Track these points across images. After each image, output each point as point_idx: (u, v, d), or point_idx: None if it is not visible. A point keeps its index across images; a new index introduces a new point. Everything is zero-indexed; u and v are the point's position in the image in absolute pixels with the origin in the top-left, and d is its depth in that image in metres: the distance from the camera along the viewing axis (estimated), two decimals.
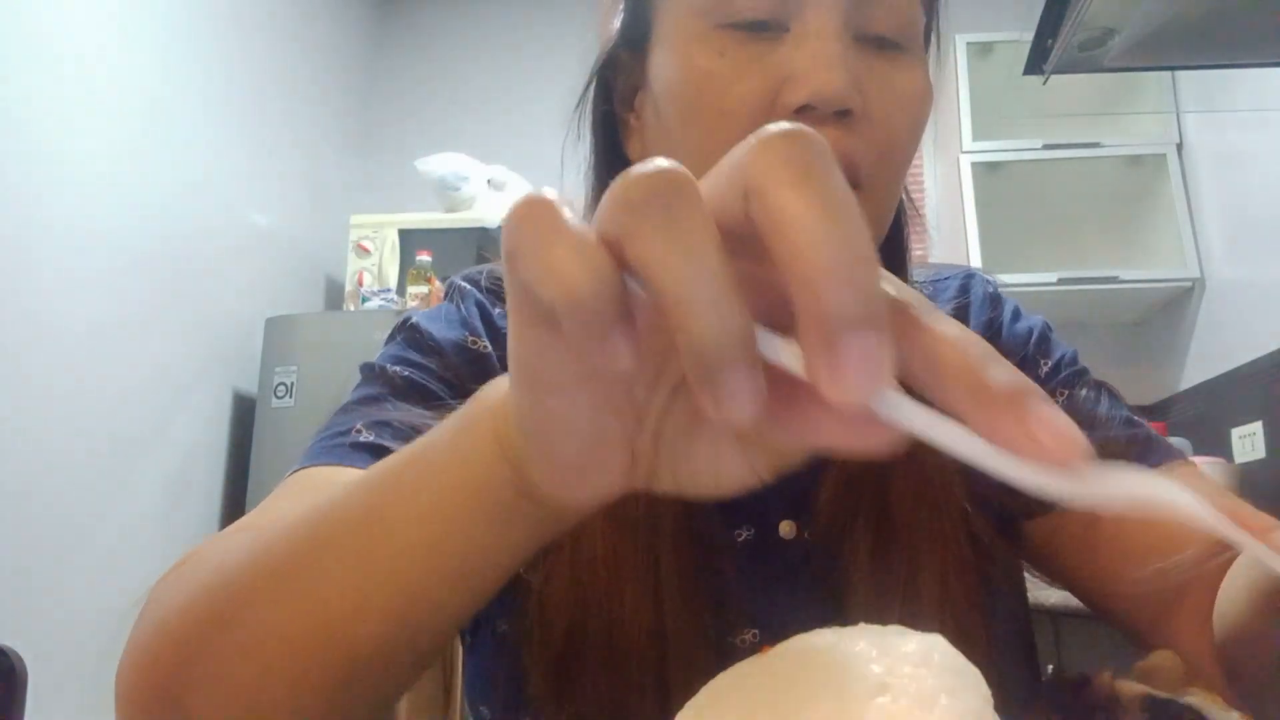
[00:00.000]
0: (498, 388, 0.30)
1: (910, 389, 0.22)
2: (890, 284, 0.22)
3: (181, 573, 0.38)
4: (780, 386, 0.22)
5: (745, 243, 0.21)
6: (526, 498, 0.29)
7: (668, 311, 0.20)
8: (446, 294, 0.60)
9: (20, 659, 0.87)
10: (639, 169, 0.21)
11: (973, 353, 0.21)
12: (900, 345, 0.21)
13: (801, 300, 0.20)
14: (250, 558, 0.34)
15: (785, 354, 0.22)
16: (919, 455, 0.51)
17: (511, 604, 0.50)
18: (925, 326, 0.22)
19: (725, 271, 0.20)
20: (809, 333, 0.20)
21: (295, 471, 0.48)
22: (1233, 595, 0.46)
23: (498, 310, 0.58)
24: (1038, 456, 0.20)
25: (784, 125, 0.21)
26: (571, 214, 0.22)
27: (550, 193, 0.22)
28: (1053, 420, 0.20)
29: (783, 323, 0.22)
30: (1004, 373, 0.21)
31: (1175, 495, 0.21)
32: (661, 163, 0.21)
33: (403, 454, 0.33)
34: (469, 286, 0.59)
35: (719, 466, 0.28)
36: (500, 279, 0.59)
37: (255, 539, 0.35)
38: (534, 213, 0.22)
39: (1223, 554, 0.47)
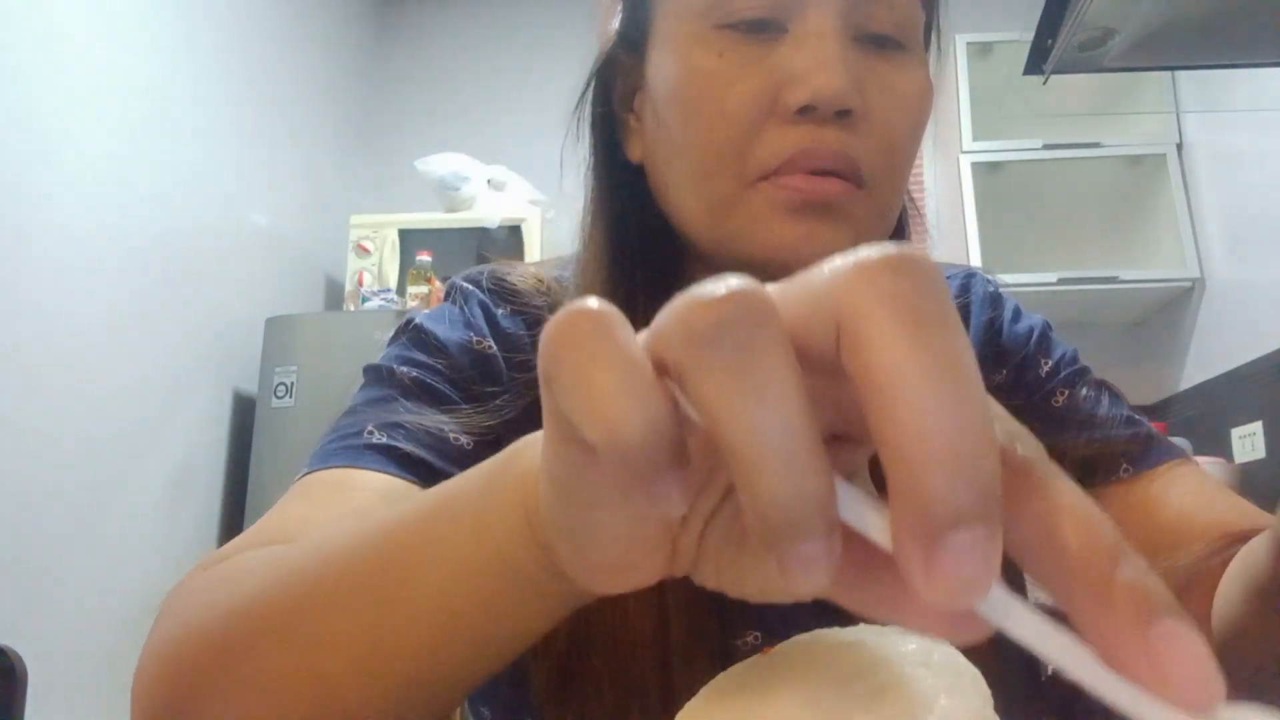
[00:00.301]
0: (527, 457, 0.27)
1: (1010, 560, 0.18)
2: (1004, 431, 0.18)
3: (200, 585, 0.37)
4: (858, 549, 0.19)
5: (823, 360, 0.18)
6: (556, 578, 0.27)
7: (733, 465, 0.17)
8: (447, 295, 0.60)
9: (20, 659, 0.87)
10: (709, 288, 0.18)
11: (1101, 539, 0.17)
12: (1012, 511, 0.18)
13: (901, 482, 0.16)
14: (265, 590, 0.33)
15: (873, 525, 0.18)
16: None
17: None
18: (1046, 495, 0.18)
19: (808, 428, 0.17)
20: (905, 520, 0.16)
21: (307, 474, 0.48)
22: (1230, 596, 0.46)
23: (500, 311, 0.57)
24: (1162, 690, 0.17)
25: (887, 250, 0.17)
26: (623, 332, 0.19)
27: (598, 305, 0.19)
28: (1188, 646, 0.17)
29: (855, 434, 0.20)
30: (1135, 572, 0.17)
31: None
32: (735, 283, 0.18)
33: (424, 511, 0.31)
34: (471, 287, 0.59)
35: (766, 580, 0.25)
36: (502, 280, 0.58)
37: (274, 567, 0.34)
38: (577, 330, 0.18)
39: (1220, 554, 0.47)
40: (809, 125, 0.46)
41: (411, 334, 0.56)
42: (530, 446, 0.28)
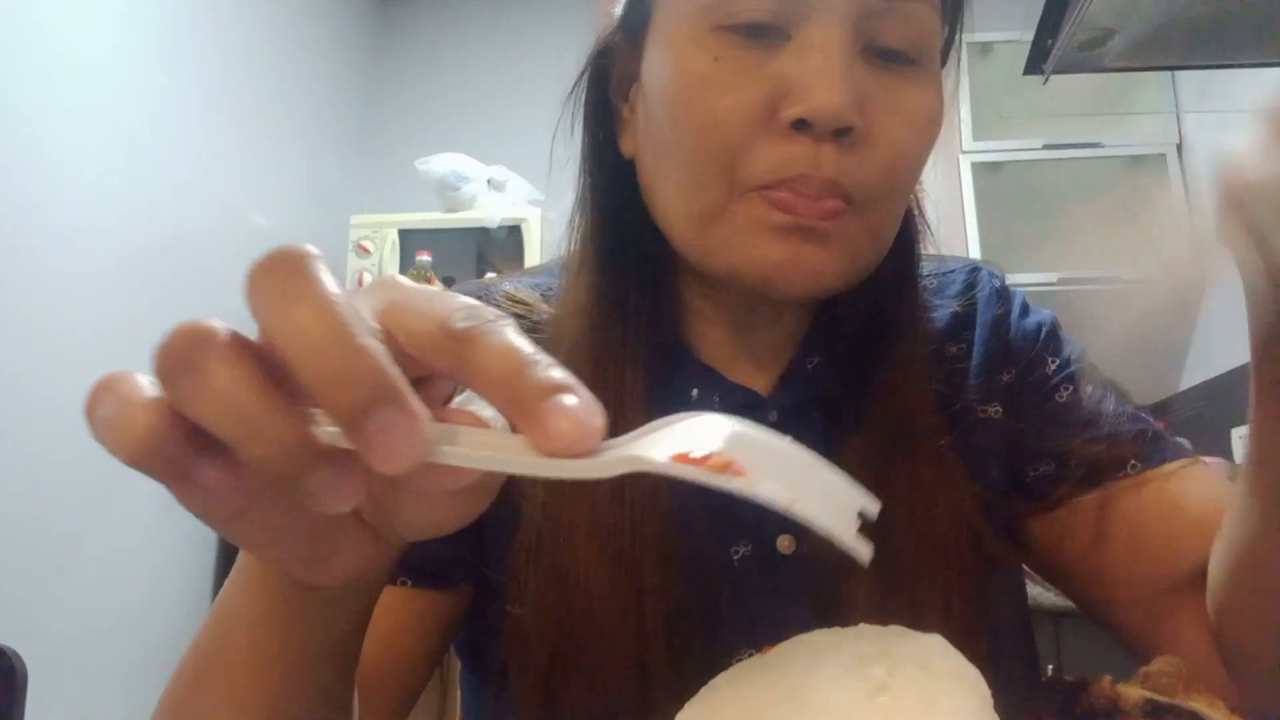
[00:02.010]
0: None
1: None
2: (460, 311, 0.24)
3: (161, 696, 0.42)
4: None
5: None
6: (299, 585, 0.30)
7: (293, 365, 0.22)
8: None
9: (20, 659, 0.87)
10: (172, 331, 0.22)
11: (512, 363, 0.23)
12: (463, 372, 0.24)
13: (321, 405, 0.21)
14: (169, 690, 0.39)
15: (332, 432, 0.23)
16: (920, 464, 0.50)
17: (502, 633, 0.49)
18: (479, 345, 0.23)
19: (262, 398, 0.21)
20: (344, 433, 0.22)
21: None
22: (1217, 576, 0.46)
23: None
24: (552, 450, 0.22)
25: (267, 251, 0.23)
26: (134, 379, 0.23)
27: (126, 373, 0.23)
28: (566, 408, 0.22)
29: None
30: (538, 375, 0.23)
31: (636, 452, 0.23)
32: (184, 326, 0.22)
33: (233, 569, 0.35)
34: None
35: (429, 511, 0.28)
36: (482, 296, 0.57)
37: (176, 670, 0.39)
38: (98, 386, 0.23)
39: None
40: (805, 142, 0.44)
41: None
42: None
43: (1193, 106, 2.29)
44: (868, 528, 0.24)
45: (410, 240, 2.43)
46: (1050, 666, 1.46)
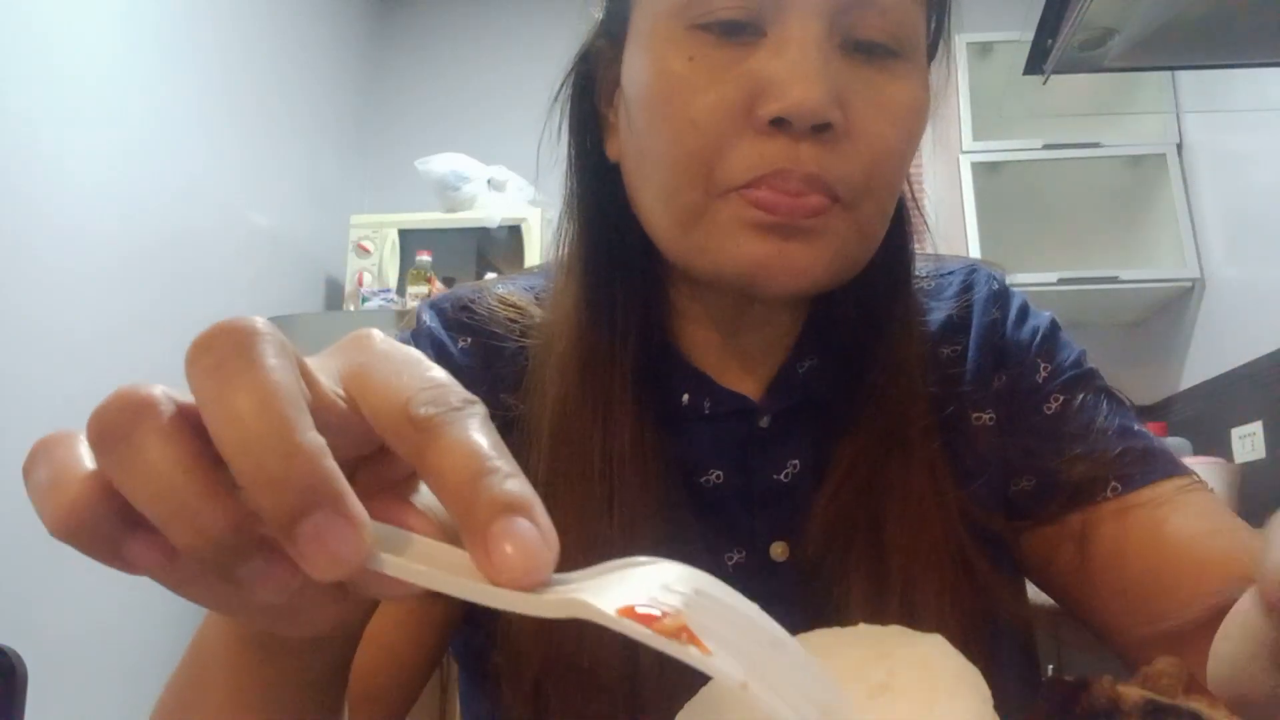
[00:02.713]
0: None
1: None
2: (426, 392, 0.22)
3: None
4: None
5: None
6: (272, 635, 0.30)
7: (230, 459, 0.20)
8: (416, 323, 0.58)
9: (20, 659, 0.87)
10: (108, 400, 0.21)
11: (470, 468, 0.21)
12: (420, 466, 0.22)
13: (253, 500, 0.20)
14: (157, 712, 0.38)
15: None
16: (912, 466, 0.49)
17: (497, 638, 0.49)
18: (437, 440, 0.22)
19: (198, 483, 0.20)
20: (277, 535, 0.20)
21: None
22: (1225, 657, 0.41)
23: (460, 344, 0.56)
24: (495, 579, 0.21)
25: (210, 327, 0.21)
26: (64, 445, 0.22)
27: (63, 436, 0.22)
28: (515, 535, 0.20)
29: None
30: (493, 487, 0.21)
31: (605, 608, 0.20)
32: (130, 387, 0.21)
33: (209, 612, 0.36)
34: (430, 323, 0.57)
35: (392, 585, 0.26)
36: (468, 308, 0.57)
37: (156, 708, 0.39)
38: (43, 445, 0.22)
39: (1218, 601, 0.43)
40: (783, 140, 0.43)
41: None
42: None
43: (1193, 106, 2.29)
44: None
45: (410, 240, 2.43)
46: (1050, 666, 1.46)
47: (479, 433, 0.22)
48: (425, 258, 2.37)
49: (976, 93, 2.39)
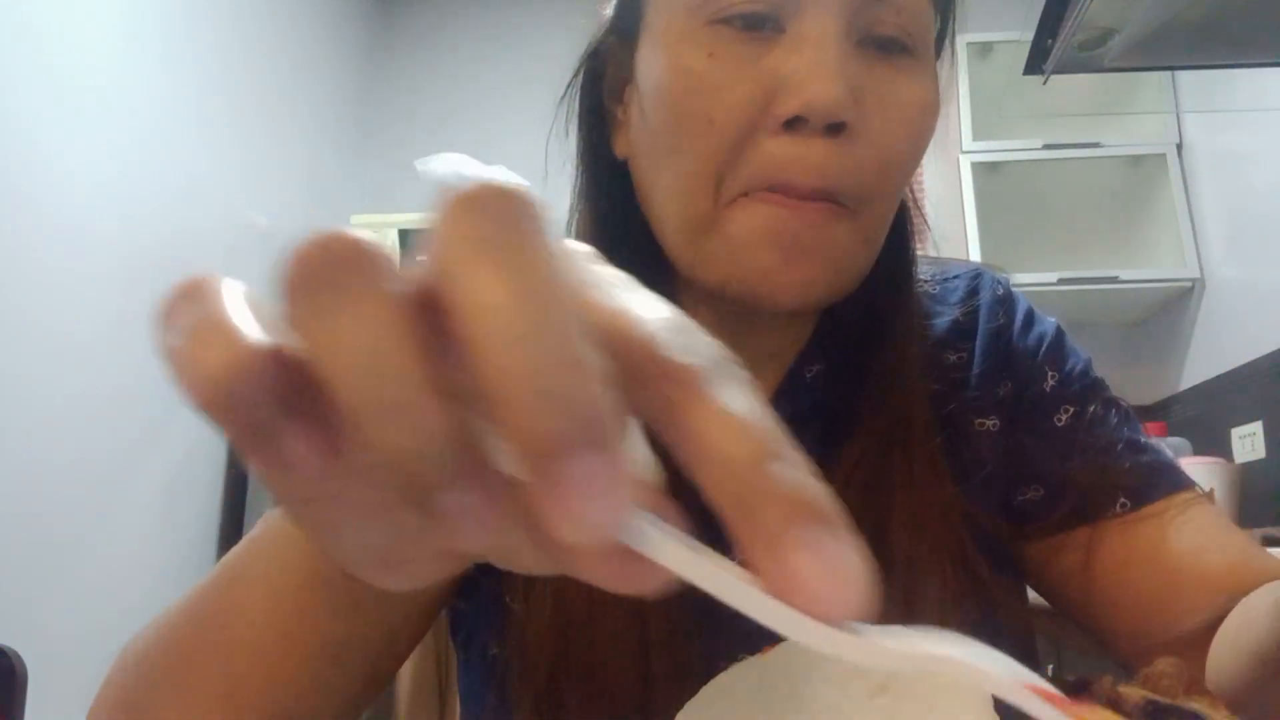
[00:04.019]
0: None
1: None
2: (675, 339, 0.17)
3: (132, 643, 0.39)
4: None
5: None
6: (359, 582, 0.24)
7: (351, 415, 0.16)
8: None
9: (20, 659, 0.87)
10: (310, 238, 0.16)
11: (750, 447, 0.16)
12: (670, 425, 0.17)
13: (501, 423, 0.15)
14: (153, 645, 0.35)
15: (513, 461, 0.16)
16: (916, 465, 0.49)
17: (499, 628, 0.49)
18: (702, 401, 0.17)
19: (418, 370, 0.16)
20: (523, 463, 0.15)
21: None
22: (1226, 661, 0.42)
23: None
24: (798, 604, 0.16)
25: (474, 183, 0.16)
26: (227, 291, 0.17)
27: (216, 281, 0.17)
28: (825, 553, 0.16)
29: None
30: (785, 479, 0.16)
31: (967, 660, 0.16)
32: (336, 233, 0.16)
33: (253, 535, 0.32)
34: None
35: (515, 552, 0.21)
36: None
37: (164, 618, 0.36)
38: (178, 296, 0.17)
39: (1219, 613, 0.44)
40: (797, 140, 0.43)
41: None
42: None
43: (1193, 106, 2.29)
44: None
45: (410, 240, 2.44)
46: (1050, 666, 1.46)
47: (754, 399, 0.17)
48: (425, 258, 2.37)
49: (976, 93, 2.39)
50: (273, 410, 0.16)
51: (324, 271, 0.16)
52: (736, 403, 0.17)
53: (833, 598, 0.16)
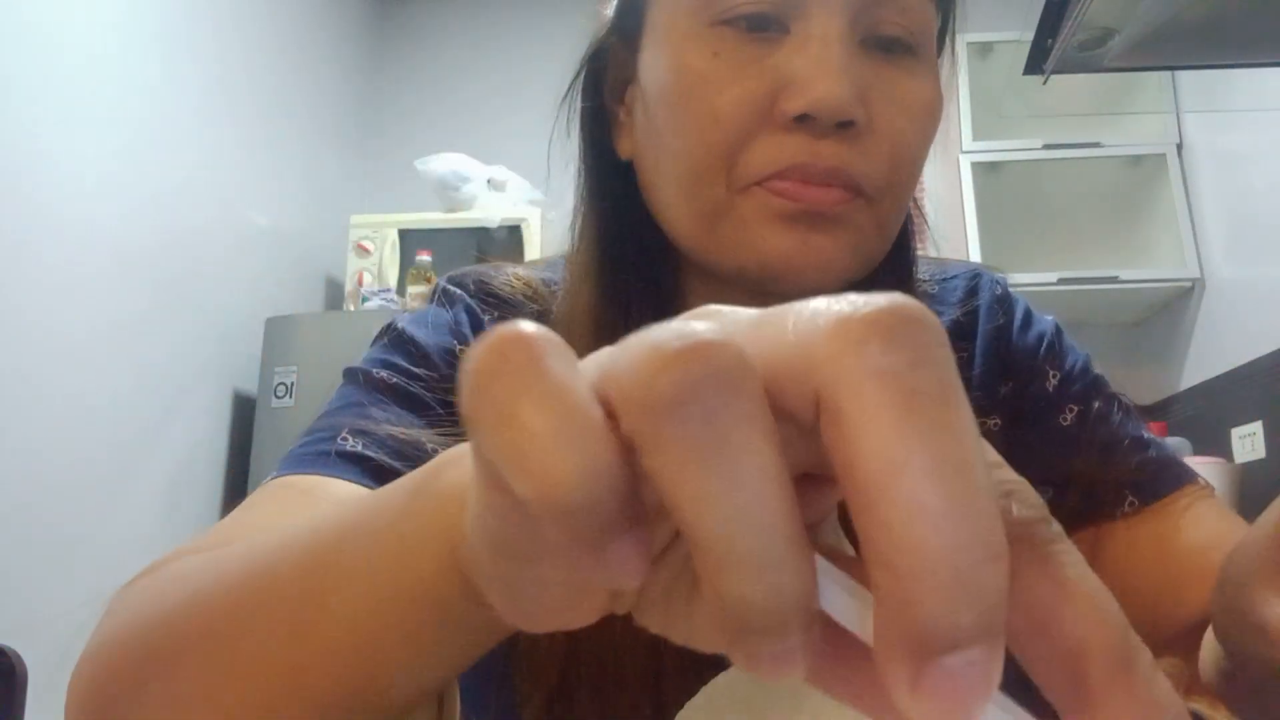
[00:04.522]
0: (455, 472, 0.24)
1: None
2: (1000, 487, 0.15)
3: (140, 589, 0.36)
4: (835, 634, 0.16)
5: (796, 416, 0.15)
6: (482, 609, 0.23)
7: (698, 557, 0.15)
8: (433, 297, 0.57)
9: (20, 659, 0.87)
10: (673, 336, 0.14)
11: (1109, 632, 0.15)
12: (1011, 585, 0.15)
13: (889, 594, 0.14)
14: (190, 603, 0.32)
15: (855, 619, 0.15)
16: None
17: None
18: (1047, 570, 0.15)
19: (787, 518, 0.14)
20: (891, 635, 0.14)
21: (274, 478, 0.46)
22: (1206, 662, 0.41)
23: (488, 317, 0.55)
24: None
25: (878, 307, 0.14)
26: (562, 364, 0.15)
27: (532, 329, 0.15)
28: None
29: (828, 473, 0.16)
30: (1140, 676, 0.15)
31: None
32: (704, 332, 0.14)
33: (346, 525, 0.29)
34: (458, 290, 0.56)
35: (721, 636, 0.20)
36: (487, 284, 0.56)
37: (202, 577, 0.33)
38: (506, 360, 0.15)
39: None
40: (806, 135, 0.43)
41: (393, 337, 0.54)
42: (459, 461, 0.24)
43: (1193, 106, 2.29)
44: None
45: (410, 240, 2.43)
46: None
47: (1091, 572, 0.16)
48: (425, 258, 2.37)
49: (976, 93, 2.39)
50: (614, 518, 0.15)
51: (701, 395, 0.14)
52: (1084, 575, 0.16)
53: None
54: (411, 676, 0.29)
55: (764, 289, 0.47)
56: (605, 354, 0.16)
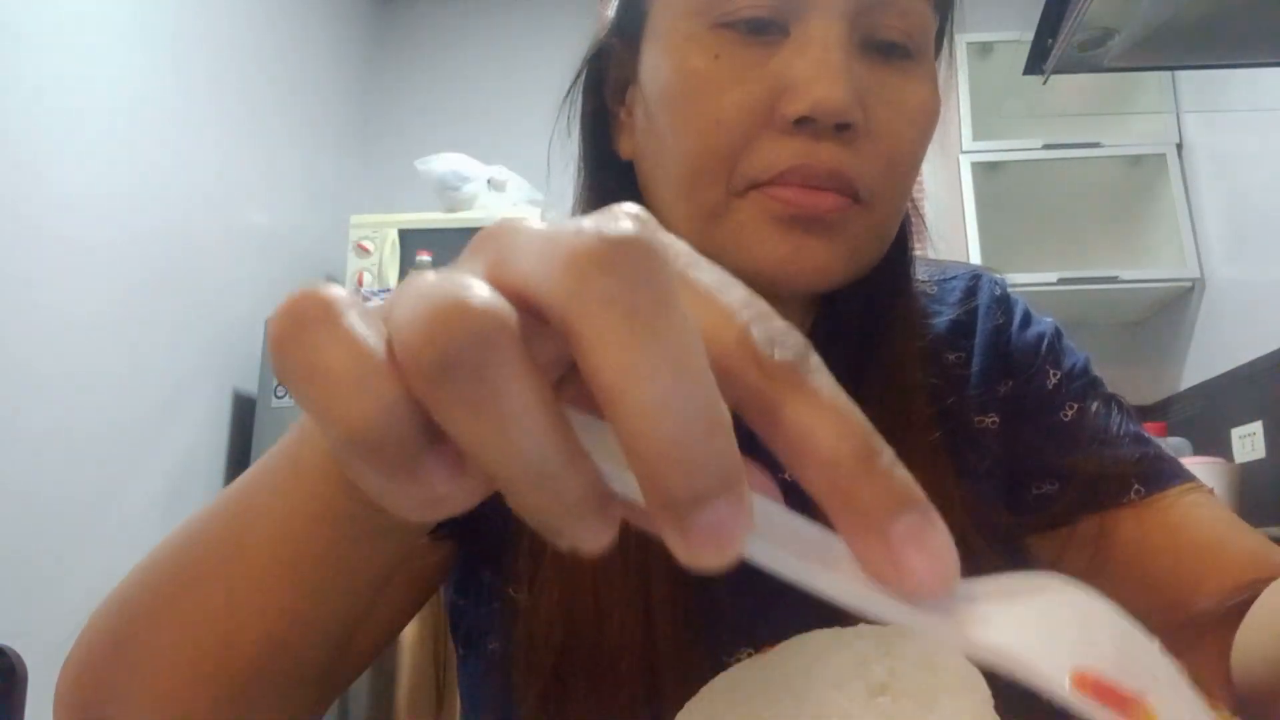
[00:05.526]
0: None
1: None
2: (763, 334, 0.18)
3: (111, 591, 0.40)
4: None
5: None
6: (376, 511, 0.26)
7: (499, 484, 0.17)
8: None
9: (20, 659, 0.87)
10: (438, 301, 0.16)
11: (852, 443, 0.17)
12: (768, 420, 0.18)
13: (642, 474, 0.16)
14: (140, 583, 0.35)
15: (632, 490, 0.17)
16: (915, 458, 0.50)
17: (501, 622, 0.49)
18: (801, 397, 0.18)
19: (557, 441, 0.17)
20: (654, 505, 0.16)
21: None
22: (1254, 647, 0.42)
23: None
24: (899, 588, 0.17)
25: (595, 238, 0.17)
26: (352, 316, 0.17)
27: (324, 289, 0.18)
28: (932, 546, 0.17)
29: None
30: (886, 473, 0.17)
31: (1024, 656, 0.17)
32: (464, 291, 0.16)
33: (254, 469, 0.32)
34: None
35: None
36: None
37: (146, 563, 0.36)
38: (302, 317, 0.17)
39: (1241, 596, 0.45)
40: (805, 138, 0.44)
41: None
42: None
43: (1193, 106, 2.29)
44: None
45: (410, 240, 2.43)
46: None
47: (840, 390, 0.18)
48: (425, 258, 2.37)
49: (976, 93, 2.39)
50: (417, 444, 0.17)
51: (461, 355, 0.16)
52: (836, 397, 0.18)
53: (935, 581, 0.17)
54: (332, 602, 0.32)
55: (760, 293, 0.47)
56: (395, 296, 0.18)
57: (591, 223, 0.17)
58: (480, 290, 0.16)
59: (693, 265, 0.19)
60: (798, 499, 0.19)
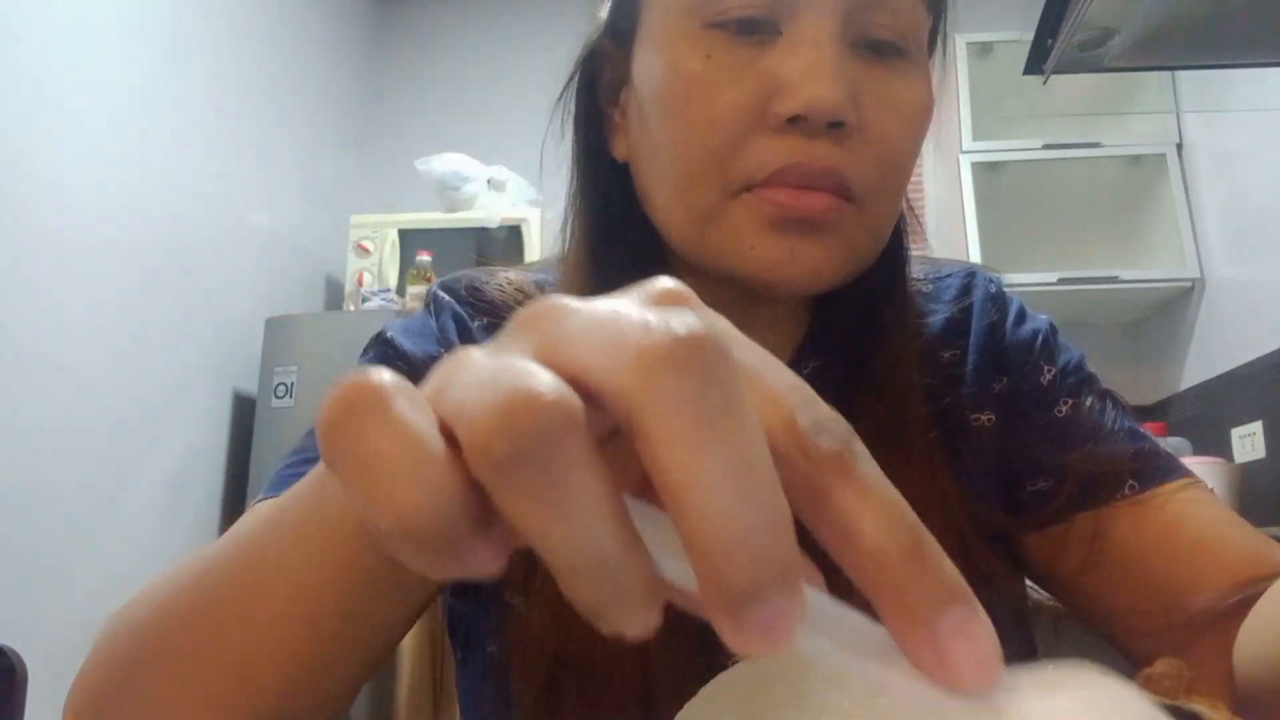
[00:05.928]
0: None
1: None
2: (810, 420, 0.18)
3: (117, 614, 0.40)
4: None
5: None
6: (400, 569, 0.25)
7: (551, 568, 0.17)
8: (425, 303, 0.58)
9: (20, 659, 0.87)
10: (508, 393, 0.16)
11: (900, 537, 0.18)
12: (815, 507, 0.18)
13: (702, 570, 0.16)
14: (154, 614, 0.35)
15: (688, 581, 0.18)
16: (912, 457, 0.49)
17: (499, 626, 0.49)
18: (847, 485, 0.18)
19: (618, 535, 0.17)
20: (711, 600, 0.17)
21: (260, 500, 0.47)
22: (1257, 647, 0.42)
23: (476, 324, 0.55)
24: (944, 680, 0.18)
25: (667, 337, 0.17)
26: (404, 403, 0.17)
27: (378, 376, 0.17)
28: (977, 641, 0.18)
29: None
30: (934, 567, 0.18)
31: None
32: (533, 383, 0.16)
33: (274, 515, 0.32)
34: (447, 297, 0.57)
35: None
36: (478, 290, 0.57)
37: (164, 589, 0.36)
38: (353, 407, 0.17)
39: (1241, 595, 0.44)
40: (798, 137, 0.44)
41: (379, 348, 0.54)
42: None
43: (1193, 106, 2.29)
44: None
45: (410, 240, 2.44)
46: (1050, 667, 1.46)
47: (887, 481, 0.18)
48: (425, 258, 2.37)
49: (976, 93, 2.39)
50: (464, 530, 0.17)
51: (530, 447, 0.16)
52: (884, 489, 0.18)
53: (980, 674, 0.18)
54: (350, 651, 0.32)
55: (754, 293, 0.47)
56: (446, 377, 0.18)
57: (654, 315, 0.17)
58: (547, 380, 0.16)
59: (735, 344, 0.19)
60: (835, 579, 0.20)
